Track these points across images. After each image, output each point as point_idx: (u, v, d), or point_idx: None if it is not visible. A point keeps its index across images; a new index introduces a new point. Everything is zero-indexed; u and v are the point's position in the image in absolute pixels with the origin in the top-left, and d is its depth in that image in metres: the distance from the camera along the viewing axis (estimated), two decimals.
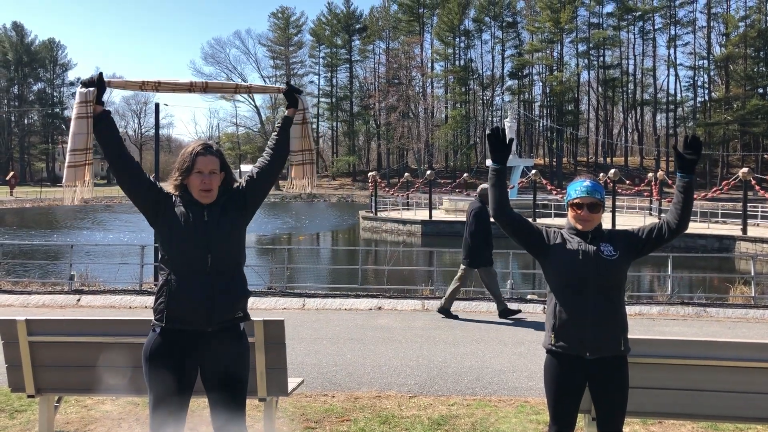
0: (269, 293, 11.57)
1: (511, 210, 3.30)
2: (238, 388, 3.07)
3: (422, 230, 31.08)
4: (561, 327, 3.11)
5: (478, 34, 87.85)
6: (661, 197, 32.14)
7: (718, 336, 8.44)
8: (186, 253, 2.96)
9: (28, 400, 4.67)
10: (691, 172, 3.13)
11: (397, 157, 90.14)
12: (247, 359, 3.13)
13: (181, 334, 2.96)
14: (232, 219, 3.05)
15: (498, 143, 3.30)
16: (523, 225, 3.29)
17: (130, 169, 3.06)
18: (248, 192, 3.16)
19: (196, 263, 2.95)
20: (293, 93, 3.37)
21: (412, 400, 5.71)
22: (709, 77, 79.90)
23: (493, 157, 3.31)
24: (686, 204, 3.13)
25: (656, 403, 3.87)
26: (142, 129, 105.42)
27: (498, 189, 3.30)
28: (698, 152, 3.12)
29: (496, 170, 3.31)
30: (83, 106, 3.05)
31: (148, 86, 3.26)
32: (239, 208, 3.11)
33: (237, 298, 3.04)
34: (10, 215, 45.81)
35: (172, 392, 2.97)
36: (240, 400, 3.09)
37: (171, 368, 2.96)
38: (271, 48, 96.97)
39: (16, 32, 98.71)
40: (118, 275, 13.25)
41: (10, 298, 11.13)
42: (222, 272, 2.98)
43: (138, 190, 3.05)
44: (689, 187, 3.13)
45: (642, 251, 3.20)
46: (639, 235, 3.21)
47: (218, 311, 2.96)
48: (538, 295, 11.89)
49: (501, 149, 3.30)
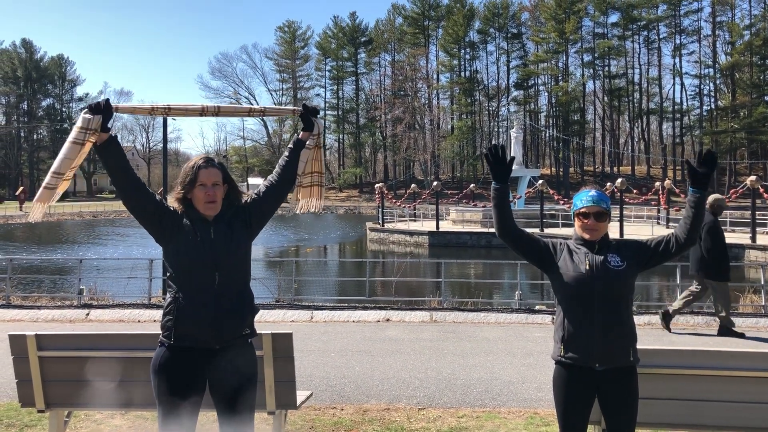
0: (277, 306, 11.58)
1: (516, 228, 3.27)
2: (247, 401, 3.07)
3: (429, 241, 31.03)
4: (569, 339, 3.10)
5: (483, 46, 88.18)
6: (669, 206, 32.01)
7: (728, 345, 8.38)
8: (193, 272, 2.97)
9: (39, 414, 4.69)
10: (703, 187, 3.11)
11: (403, 169, 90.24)
12: (255, 372, 3.13)
13: (189, 350, 2.97)
14: (238, 237, 3.06)
15: (496, 162, 3.24)
16: (530, 242, 3.28)
17: (137, 193, 3.04)
18: (254, 210, 3.16)
19: (204, 281, 2.96)
20: (310, 116, 3.32)
21: (421, 413, 5.70)
22: (715, 86, 79.80)
23: (494, 175, 3.26)
24: (696, 218, 3.12)
25: (666, 413, 3.84)
26: (150, 143, 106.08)
27: (500, 209, 3.26)
28: (712, 167, 3.10)
29: (497, 189, 3.26)
30: (82, 132, 2.97)
31: (158, 111, 3.22)
32: (245, 225, 3.11)
33: (244, 316, 3.05)
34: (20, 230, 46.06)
35: (180, 406, 2.98)
36: (248, 414, 3.09)
37: (180, 382, 2.97)
38: (278, 61, 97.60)
39: (25, 49, 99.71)
40: (127, 289, 13.31)
41: (20, 313, 11.18)
42: (229, 290, 2.99)
43: (144, 211, 3.04)
44: (700, 203, 3.12)
45: (649, 263, 3.20)
46: (646, 247, 3.20)
47: (226, 329, 2.97)
48: (546, 305, 11.84)
49: (501, 167, 3.25)
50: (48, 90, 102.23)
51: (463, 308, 11.38)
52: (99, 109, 3.00)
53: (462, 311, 11.05)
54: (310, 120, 3.32)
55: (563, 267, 3.18)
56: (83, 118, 2.99)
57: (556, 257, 3.22)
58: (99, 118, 2.98)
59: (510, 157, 3.30)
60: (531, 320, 10.45)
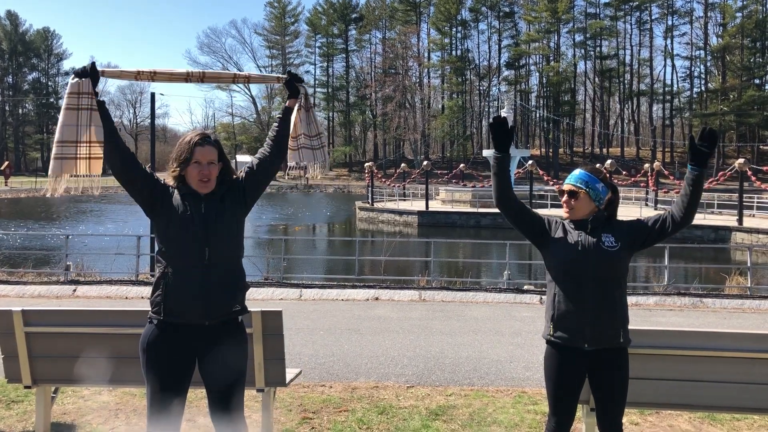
0: (266, 284, 11.57)
1: (514, 198, 3.27)
2: (237, 379, 3.05)
3: (419, 221, 31.05)
4: (560, 318, 3.10)
5: (474, 24, 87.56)
6: (657, 188, 32.18)
7: (715, 326, 8.47)
8: (183, 246, 2.92)
9: (25, 390, 4.66)
10: (703, 164, 3.10)
11: (393, 148, 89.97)
12: (245, 350, 3.10)
13: (178, 327, 2.94)
14: (230, 211, 3.01)
15: (501, 131, 3.28)
16: (526, 214, 3.28)
17: (125, 161, 2.99)
18: (247, 184, 3.11)
19: (194, 256, 2.91)
20: (294, 82, 3.28)
21: (409, 391, 5.72)
22: (706, 68, 79.86)
23: (496, 144, 3.28)
24: (694, 197, 3.10)
25: (654, 393, 3.87)
26: (137, 119, 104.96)
27: (500, 177, 3.28)
28: (713, 145, 3.09)
29: (498, 158, 3.29)
30: (74, 97, 2.94)
31: (144, 76, 3.15)
32: (238, 200, 3.06)
33: (235, 292, 3.01)
34: (5, 205, 45.64)
35: (169, 383, 2.95)
36: (238, 391, 3.07)
37: (169, 359, 2.94)
38: (267, 37, 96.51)
39: (10, 21, 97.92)
40: (114, 265, 13.23)
41: (6, 289, 11.09)
42: (220, 265, 2.94)
43: (134, 181, 2.99)
44: (699, 180, 3.10)
45: (645, 243, 3.18)
46: (642, 226, 3.18)
47: (216, 305, 2.93)
48: (534, 285, 11.90)
49: (504, 137, 3.28)
50: (34, 63, 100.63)
51: (452, 287, 11.43)
52: (86, 72, 2.99)
53: (450, 290, 11.09)
54: (295, 87, 3.28)
55: (556, 244, 3.16)
56: (71, 83, 2.96)
57: (551, 233, 3.21)
58: (88, 81, 2.96)
59: (512, 126, 3.34)
60: (519, 300, 10.50)
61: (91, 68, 3.01)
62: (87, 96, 2.96)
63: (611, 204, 3.23)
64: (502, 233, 19.89)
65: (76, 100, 2.95)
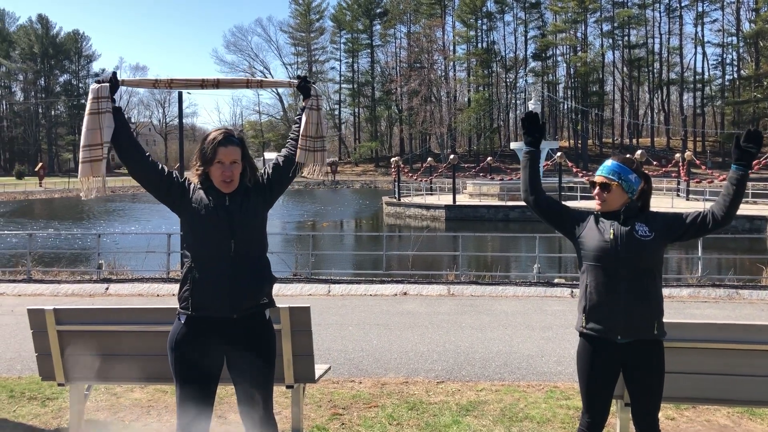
0: (294, 280, 11.60)
1: (543, 193, 3.26)
2: (265, 375, 3.04)
3: (446, 215, 30.91)
4: (591, 308, 3.03)
5: (500, 16, 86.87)
6: (689, 178, 31.58)
7: (752, 318, 8.26)
8: (209, 240, 2.93)
9: (59, 388, 4.72)
10: (747, 165, 2.99)
11: (419, 142, 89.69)
12: (274, 346, 3.09)
13: (206, 322, 2.94)
14: (254, 204, 3.01)
15: (532, 126, 3.29)
16: (555, 208, 3.25)
17: (141, 164, 3.03)
18: (273, 178, 3.12)
19: (220, 249, 2.91)
20: (306, 84, 3.26)
21: (439, 386, 5.67)
22: (738, 54, 78.14)
23: (527, 140, 3.31)
24: (736, 197, 2.99)
25: (691, 387, 3.77)
26: (166, 118, 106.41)
27: (530, 171, 3.28)
28: (759, 146, 3.00)
29: (529, 152, 3.30)
30: (94, 102, 3.03)
31: (162, 84, 3.27)
32: (262, 193, 3.06)
33: (261, 284, 3.00)
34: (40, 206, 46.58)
35: (198, 380, 2.96)
36: (267, 387, 3.06)
37: (197, 356, 2.94)
38: (293, 35, 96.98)
39: (41, 25, 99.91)
40: (146, 263, 13.38)
41: (41, 287, 11.30)
42: (245, 258, 2.94)
43: (152, 182, 3.03)
44: (743, 180, 2.99)
45: (682, 237, 3.09)
46: (681, 221, 3.08)
47: (242, 297, 2.93)
48: (565, 279, 11.75)
49: (535, 132, 3.29)
50: (65, 66, 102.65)
51: (481, 282, 11.34)
52: (105, 78, 3.11)
53: (479, 285, 11.01)
54: (308, 87, 3.25)
55: (588, 235, 3.10)
56: (92, 89, 3.07)
57: (582, 225, 3.16)
58: (106, 86, 3.06)
59: (543, 122, 3.34)
60: (549, 293, 10.38)
61: (112, 77, 3.12)
62: (105, 100, 3.05)
63: (644, 194, 3.15)
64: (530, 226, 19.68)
65: (97, 105, 3.04)
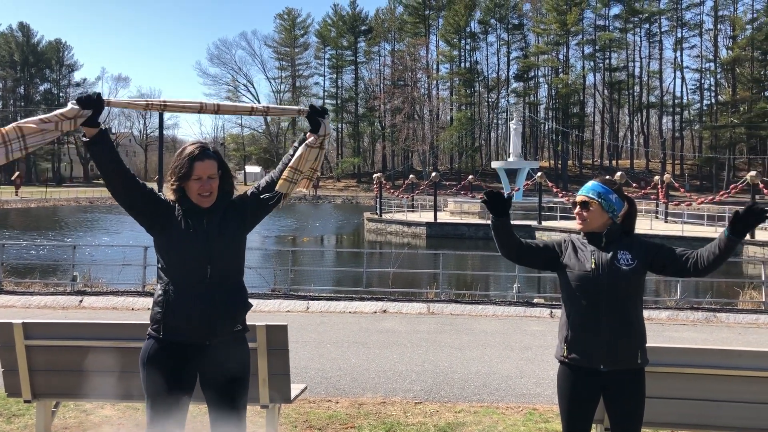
0: (273, 295, 11.47)
1: (518, 246, 3.12)
2: (239, 394, 2.97)
3: (427, 232, 30.92)
4: (573, 340, 2.99)
5: (483, 36, 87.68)
6: (668, 200, 31.94)
7: (730, 342, 8.31)
8: (185, 264, 2.84)
9: (26, 404, 4.57)
10: (742, 236, 2.93)
11: (402, 159, 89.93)
12: (248, 365, 3.02)
13: (179, 345, 2.86)
14: (232, 229, 2.93)
15: (497, 203, 3.08)
16: (534, 253, 3.15)
17: (127, 188, 2.89)
18: (251, 205, 3.00)
19: (195, 274, 2.83)
20: (317, 116, 3.04)
21: (417, 407, 5.59)
22: (716, 80, 79.52)
23: (494, 212, 3.09)
24: (722, 257, 2.93)
25: (671, 413, 3.74)
26: (147, 129, 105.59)
27: (503, 236, 3.11)
28: (757, 222, 2.90)
29: (499, 221, 3.10)
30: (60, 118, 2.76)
31: (154, 107, 3.01)
32: (240, 218, 2.97)
33: (236, 312, 2.92)
34: (15, 215, 45.85)
35: (169, 398, 2.87)
36: (240, 406, 2.98)
37: (169, 374, 2.86)
38: (277, 49, 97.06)
39: (22, 33, 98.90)
40: (121, 276, 13.17)
41: (12, 299, 11.05)
42: (221, 284, 2.86)
43: (133, 204, 2.90)
44: (732, 248, 2.92)
45: (662, 271, 3.06)
46: (666, 253, 3.03)
47: (217, 325, 2.85)
48: (544, 299, 11.76)
49: (500, 206, 3.08)
50: (45, 75, 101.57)
51: (461, 300, 11.30)
52: (90, 102, 2.78)
53: (459, 303, 10.96)
54: (317, 121, 3.04)
55: (568, 265, 3.05)
56: (71, 107, 2.77)
57: (562, 256, 3.10)
58: (88, 113, 2.77)
59: (507, 195, 3.13)
60: (529, 313, 10.37)
61: (97, 99, 2.81)
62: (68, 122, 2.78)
63: (629, 217, 3.12)
64: None
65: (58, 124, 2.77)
